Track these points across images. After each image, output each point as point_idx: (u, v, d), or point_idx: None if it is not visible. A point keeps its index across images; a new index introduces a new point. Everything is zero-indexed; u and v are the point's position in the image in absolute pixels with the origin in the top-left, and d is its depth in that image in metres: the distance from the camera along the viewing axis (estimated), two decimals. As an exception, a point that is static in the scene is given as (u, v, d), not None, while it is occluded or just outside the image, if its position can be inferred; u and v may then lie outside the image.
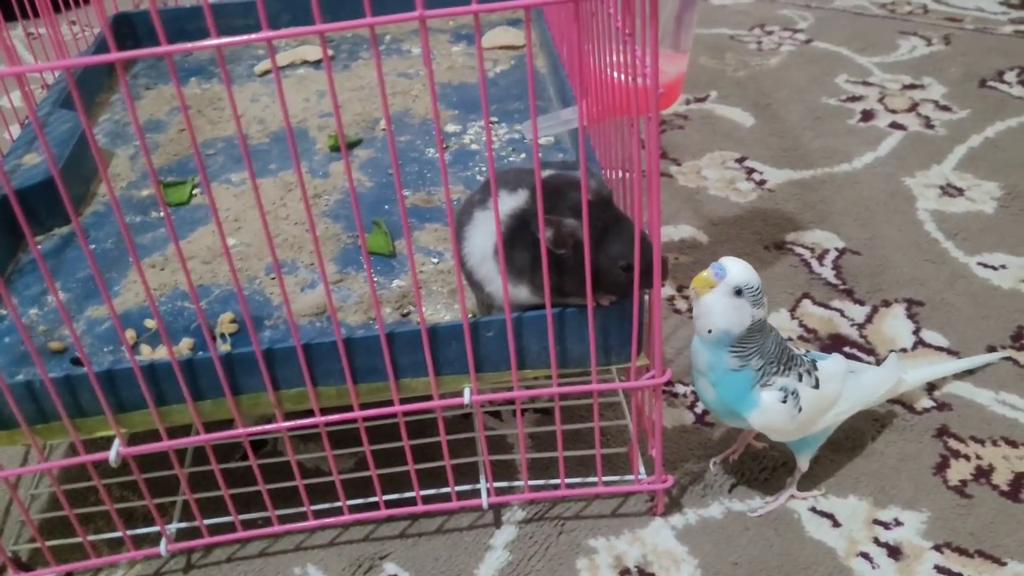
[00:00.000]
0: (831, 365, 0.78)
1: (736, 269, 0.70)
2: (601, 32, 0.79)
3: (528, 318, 0.70)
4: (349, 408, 0.72)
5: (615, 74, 0.82)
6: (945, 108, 1.42)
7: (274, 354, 0.69)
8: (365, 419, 0.72)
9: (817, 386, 0.75)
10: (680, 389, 0.94)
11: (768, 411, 0.73)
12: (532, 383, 0.82)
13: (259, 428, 0.72)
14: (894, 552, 0.77)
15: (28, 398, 0.68)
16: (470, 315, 0.71)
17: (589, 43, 0.83)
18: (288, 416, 0.72)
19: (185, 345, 0.77)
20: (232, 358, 0.69)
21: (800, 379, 0.74)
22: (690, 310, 1.03)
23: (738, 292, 0.70)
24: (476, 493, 0.81)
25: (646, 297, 0.71)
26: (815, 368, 0.76)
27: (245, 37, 0.56)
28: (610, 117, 0.86)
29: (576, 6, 0.58)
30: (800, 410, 0.74)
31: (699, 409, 0.92)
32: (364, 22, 0.55)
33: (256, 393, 0.71)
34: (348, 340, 0.69)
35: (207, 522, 0.77)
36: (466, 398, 0.72)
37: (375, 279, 0.83)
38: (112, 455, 0.70)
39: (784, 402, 0.73)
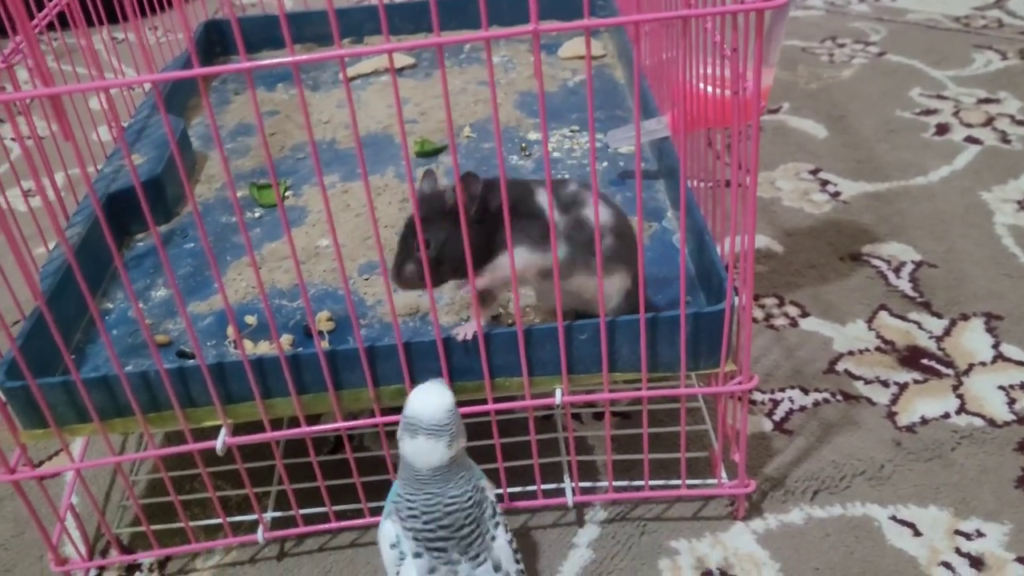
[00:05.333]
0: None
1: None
2: (693, 45, 0.80)
3: (621, 322, 0.71)
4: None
5: (703, 86, 0.84)
6: (1022, 123, 1.41)
7: (375, 351, 0.72)
8: (458, 416, 0.75)
9: None
10: (757, 396, 0.95)
11: None
12: (615, 386, 0.84)
13: (358, 422, 0.75)
14: (976, 563, 0.77)
15: (142, 387, 0.72)
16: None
17: (674, 53, 0.85)
18: (382, 412, 0.74)
19: (285, 341, 0.80)
20: (336, 354, 0.72)
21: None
22: (767, 318, 1.04)
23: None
24: (560, 492, 0.83)
25: (736, 303, 0.72)
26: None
27: (368, 48, 0.59)
28: (696, 128, 0.88)
29: (685, 23, 0.60)
30: None
31: (777, 417, 0.93)
32: (481, 35, 0.57)
33: (355, 389, 0.74)
34: (445, 340, 0.72)
35: (301, 512, 0.80)
36: (557, 399, 0.74)
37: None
38: (219, 444, 0.73)
39: None
